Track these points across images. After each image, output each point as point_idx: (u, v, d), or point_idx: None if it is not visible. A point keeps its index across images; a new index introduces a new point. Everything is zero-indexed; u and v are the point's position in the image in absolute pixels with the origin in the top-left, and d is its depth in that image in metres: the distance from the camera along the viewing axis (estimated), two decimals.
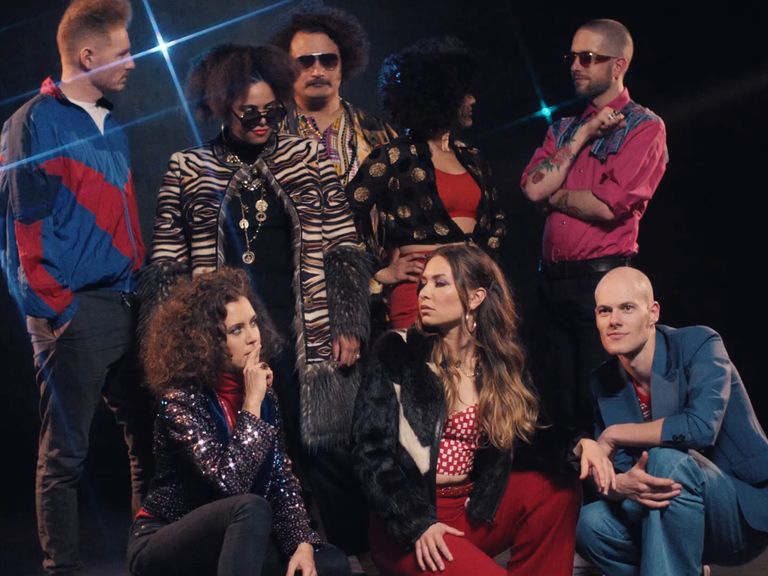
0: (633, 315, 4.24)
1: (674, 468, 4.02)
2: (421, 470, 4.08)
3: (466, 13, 7.17)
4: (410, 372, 4.12)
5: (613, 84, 5.00)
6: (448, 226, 4.79)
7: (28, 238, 4.43)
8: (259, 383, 4.04)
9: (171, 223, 4.49)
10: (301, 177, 4.48)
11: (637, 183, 4.88)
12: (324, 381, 4.43)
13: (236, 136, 4.46)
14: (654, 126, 4.93)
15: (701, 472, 4.06)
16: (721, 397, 4.13)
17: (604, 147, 4.95)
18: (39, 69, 6.73)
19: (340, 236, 4.54)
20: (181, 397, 3.99)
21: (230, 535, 3.80)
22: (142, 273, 4.48)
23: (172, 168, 4.50)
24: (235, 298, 4.06)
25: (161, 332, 4.06)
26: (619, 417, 4.32)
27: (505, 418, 4.09)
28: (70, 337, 4.49)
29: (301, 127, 5.04)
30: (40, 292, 4.42)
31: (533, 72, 6.30)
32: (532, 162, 5.09)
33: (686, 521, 4.03)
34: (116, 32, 4.50)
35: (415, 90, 4.74)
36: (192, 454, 3.93)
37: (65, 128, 4.48)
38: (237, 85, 4.35)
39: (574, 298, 4.92)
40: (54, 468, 4.51)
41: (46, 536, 4.55)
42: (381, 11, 7.11)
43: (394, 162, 4.80)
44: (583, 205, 4.92)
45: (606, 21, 5.01)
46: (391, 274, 4.83)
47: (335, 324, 4.47)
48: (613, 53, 4.95)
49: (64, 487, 4.53)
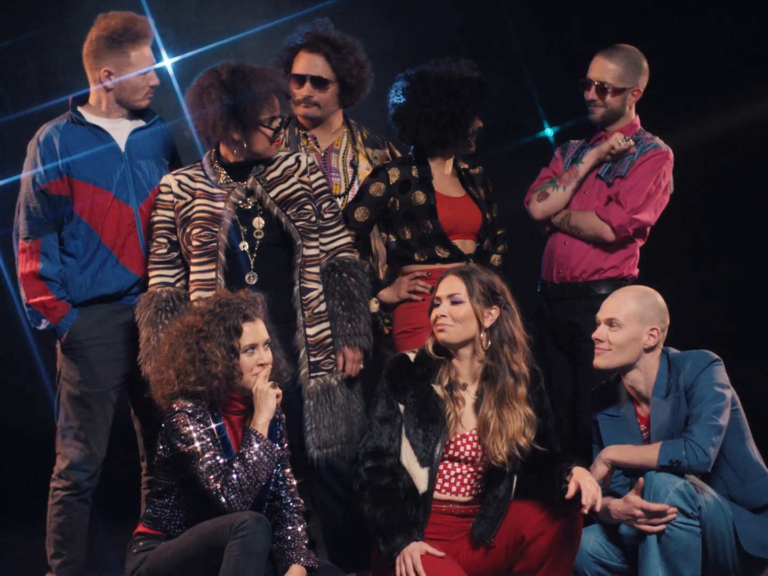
0: (618, 333, 4.23)
1: (670, 492, 4.02)
2: (419, 490, 4.09)
3: (469, 32, 7.18)
4: (414, 393, 4.13)
5: (627, 111, 5.01)
6: (448, 250, 4.79)
7: (27, 255, 4.52)
8: (268, 402, 4.04)
9: (167, 248, 4.48)
10: (295, 192, 4.48)
11: (641, 208, 4.88)
12: (327, 394, 4.44)
13: (227, 156, 4.46)
14: (663, 155, 4.94)
15: (697, 496, 4.05)
16: (719, 423, 4.12)
17: (612, 171, 4.96)
18: (42, 83, 6.75)
19: (337, 247, 4.55)
20: (189, 408, 3.99)
21: (230, 552, 3.80)
22: (141, 298, 4.47)
23: (164, 191, 4.49)
24: (252, 318, 4.08)
25: (173, 344, 4.06)
26: (618, 437, 4.31)
27: (501, 433, 4.08)
28: (71, 347, 4.55)
29: (302, 144, 5.04)
30: (35, 305, 4.51)
31: (536, 92, 6.31)
32: (537, 180, 5.10)
33: (683, 545, 4.03)
34: (136, 51, 4.56)
35: (426, 106, 4.73)
36: (196, 467, 3.93)
37: (74, 149, 4.54)
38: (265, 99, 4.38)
39: (574, 319, 4.92)
40: (63, 480, 4.55)
41: (51, 548, 4.58)
42: (386, 28, 7.12)
43: (394, 182, 4.79)
44: (585, 225, 4.92)
45: (624, 48, 5.00)
46: (394, 293, 4.82)
47: (338, 335, 4.48)
48: (629, 84, 4.95)
49: (72, 500, 4.55)
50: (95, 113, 4.61)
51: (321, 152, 5.04)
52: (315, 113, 5.01)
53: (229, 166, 4.49)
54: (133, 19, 4.59)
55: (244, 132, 4.40)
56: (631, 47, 5.01)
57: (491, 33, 7.18)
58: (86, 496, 4.57)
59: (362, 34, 5.09)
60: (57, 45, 6.53)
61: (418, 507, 4.07)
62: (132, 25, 4.56)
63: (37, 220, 4.52)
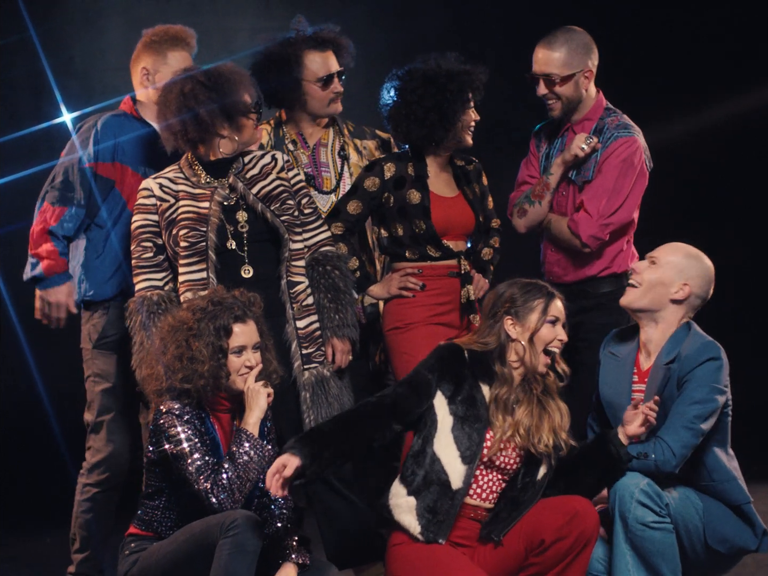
0: (653, 271, 4.23)
1: (635, 493, 3.98)
2: (452, 486, 4.04)
3: (456, 30, 7.19)
4: (466, 387, 4.09)
5: (586, 95, 4.87)
6: (440, 250, 4.78)
7: (47, 215, 4.61)
8: (260, 401, 4.04)
9: (153, 252, 4.48)
10: (276, 188, 4.51)
11: (610, 210, 4.77)
12: (322, 386, 4.46)
13: (206, 155, 4.48)
14: (625, 145, 4.78)
15: (662, 493, 4.03)
16: (699, 427, 4.08)
17: (580, 173, 4.85)
18: (33, 86, 6.75)
19: (319, 242, 4.58)
20: (176, 409, 3.99)
21: (221, 551, 3.80)
22: (130, 303, 4.47)
23: (145, 195, 4.49)
24: (243, 320, 4.08)
25: (165, 339, 4.07)
26: (611, 377, 4.32)
27: (543, 423, 4.07)
28: (104, 342, 4.66)
29: (288, 141, 5.01)
30: (38, 255, 4.58)
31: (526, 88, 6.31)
32: (516, 187, 5.05)
33: (658, 544, 4.00)
34: (173, 54, 4.74)
35: (414, 103, 4.72)
36: (186, 468, 3.93)
37: (129, 141, 4.68)
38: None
39: (572, 321, 4.83)
40: (95, 475, 4.63)
41: (76, 543, 4.67)
42: (374, 27, 7.12)
43: (389, 177, 4.78)
44: (561, 236, 4.87)
45: (563, 32, 4.82)
46: (384, 289, 4.82)
47: (326, 327, 4.50)
48: (576, 68, 4.79)
49: (101, 496, 4.64)
50: (148, 115, 4.75)
51: (309, 150, 5.03)
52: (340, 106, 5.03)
53: (208, 165, 4.51)
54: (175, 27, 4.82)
55: (231, 125, 4.44)
56: (572, 27, 4.85)
57: (479, 30, 7.19)
58: (117, 486, 4.66)
59: (351, 34, 5.09)
60: (47, 47, 6.52)
61: (451, 500, 4.02)
62: (172, 30, 4.79)
63: (71, 192, 4.62)
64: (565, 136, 4.95)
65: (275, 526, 4.10)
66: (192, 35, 4.84)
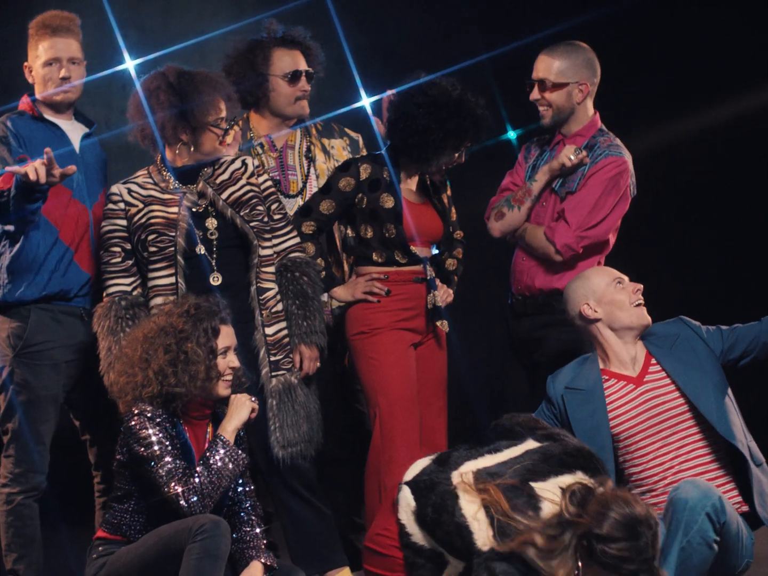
0: None
1: (707, 506, 3.91)
2: None
3: (432, 35, 7.19)
4: None
5: (579, 110, 4.84)
6: (406, 255, 4.77)
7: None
8: (242, 412, 4.06)
9: (121, 257, 4.47)
10: (246, 194, 4.50)
11: (589, 223, 4.75)
12: (289, 393, 4.46)
13: (174, 161, 4.46)
14: (614, 163, 4.76)
15: (725, 511, 3.96)
16: None
17: (565, 184, 4.82)
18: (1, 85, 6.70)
19: (288, 248, 4.58)
20: (148, 411, 3.97)
21: (189, 555, 3.80)
22: (98, 308, 4.45)
23: (114, 200, 4.48)
24: (226, 322, 4.11)
25: (145, 347, 4.03)
26: (582, 414, 4.31)
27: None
28: (29, 351, 4.52)
29: (255, 142, 4.99)
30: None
31: (499, 95, 6.31)
32: (498, 193, 5.01)
33: (700, 560, 3.96)
34: (44, 43, 4.57)
35: (419, 117, 4.64)
36: (156, 471, 3.92)
37: (34, 143, 4.53)
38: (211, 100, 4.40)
39: (536, 334, 4.82)
40: (19, 484, 4.52)
41: (12, 554, 4.56)
42: (349, 30, 7.12)
43: (365, 178, 4.74)
44: (535, 243, 4.83)
45: (568, 44, 4.85)
46: (348, 292, 4.79)
47: (294, 334, 4.51)
48: (571, 78, 4.78)
49: (29, 502, 4.54)
50: (48, 112, 4.63)
51: (277, 151, 5.02)
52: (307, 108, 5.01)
53: (177, 170, 4.50)
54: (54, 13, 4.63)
55: (192, 133, 4.42)
56: (579, 43, 4.85)
57: (454, 36, 7.20)
58: (39, 497, 4.57)
59: (324, 36, 5.09)
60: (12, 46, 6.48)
61: None
62: (45, 18, 4.60)
63: None
64: (555, 150, 4.91)
65: (244, 530, 4.11)
66: (66, 17, 4.64)
